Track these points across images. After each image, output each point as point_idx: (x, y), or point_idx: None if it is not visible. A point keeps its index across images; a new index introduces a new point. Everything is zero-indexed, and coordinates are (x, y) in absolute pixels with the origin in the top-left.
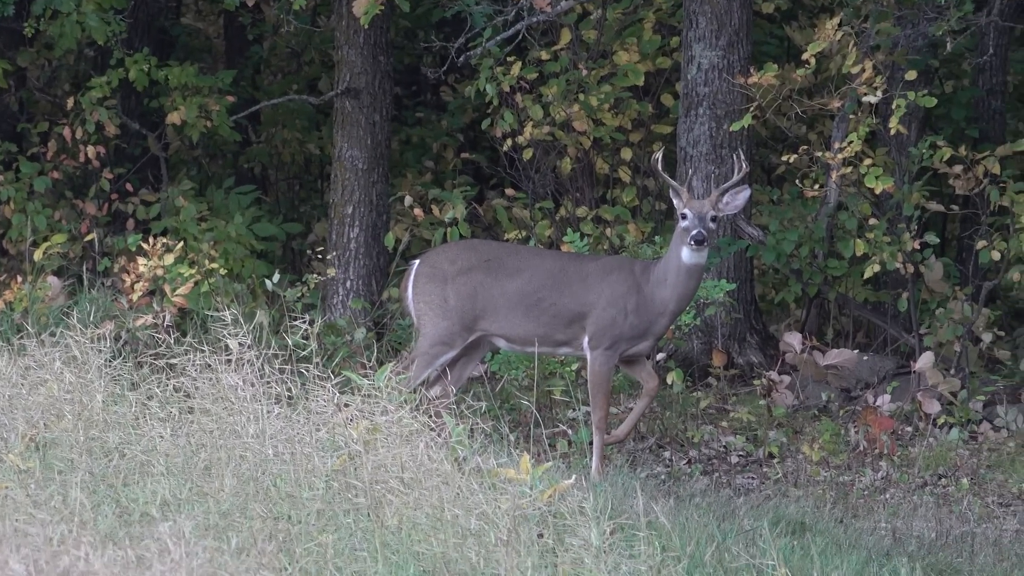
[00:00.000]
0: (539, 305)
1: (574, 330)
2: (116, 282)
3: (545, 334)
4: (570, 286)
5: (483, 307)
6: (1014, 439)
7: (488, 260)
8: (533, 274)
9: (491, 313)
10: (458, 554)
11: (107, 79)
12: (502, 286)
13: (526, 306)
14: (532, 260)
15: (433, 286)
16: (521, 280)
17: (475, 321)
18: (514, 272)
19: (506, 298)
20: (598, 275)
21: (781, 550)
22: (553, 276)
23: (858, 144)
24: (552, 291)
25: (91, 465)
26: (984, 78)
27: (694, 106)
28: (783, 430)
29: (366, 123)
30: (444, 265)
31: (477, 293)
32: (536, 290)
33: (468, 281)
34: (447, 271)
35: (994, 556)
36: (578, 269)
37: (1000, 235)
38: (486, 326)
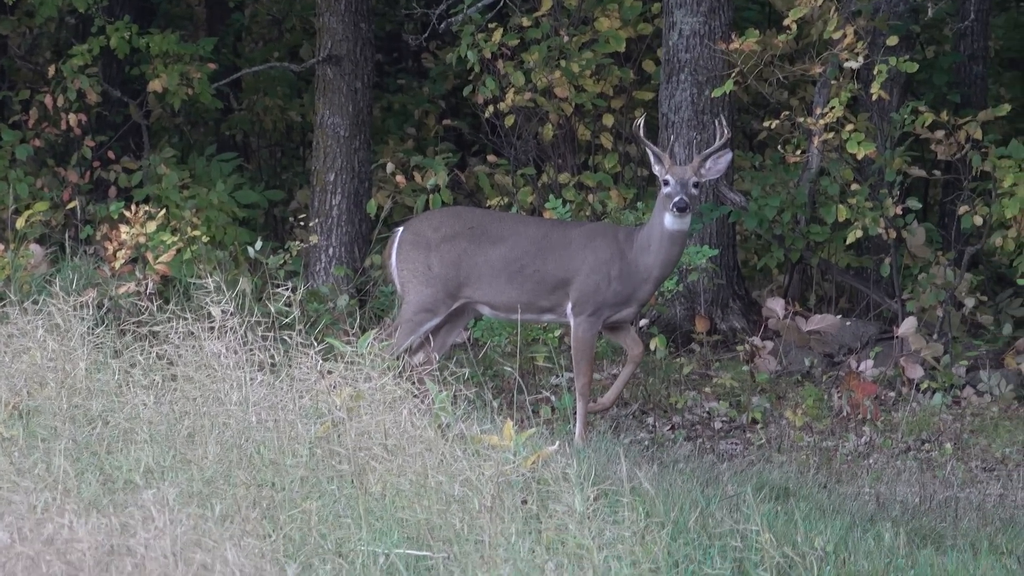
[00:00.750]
0: (522, 272)
1: (557, 296)
2: (98, 250)
3: (529, 301)
4: (553, 252)
5: (467, 274)
6: (997, 404)
7: (472, 227)
8: (516, 241)
9: (475, 280)
10: (442, 520)
11: (88, 47)
12: (486, 253)
13: (509, 273)
14: (516, 227)
15: (417, 253)
16: (505, 247)
17: (459, 288)
18: (498, 239)
19: (490, 265)
20: (581, 241)
21: (765, 515)
22: (536, 243)
23: (840, 110)
24: (535, 258)
25: (74, 433)
26: (966, 43)
27: (675, 72)
28: (766, 396)
29: (348, 90)
30: (428, 232)
31: (461, 260)
32: (519, 257)
33: (452, 248)
34: (431, 238)
35: (978, 521)
36: (562, 235)
37: (982, 200)
38: (470, 293)
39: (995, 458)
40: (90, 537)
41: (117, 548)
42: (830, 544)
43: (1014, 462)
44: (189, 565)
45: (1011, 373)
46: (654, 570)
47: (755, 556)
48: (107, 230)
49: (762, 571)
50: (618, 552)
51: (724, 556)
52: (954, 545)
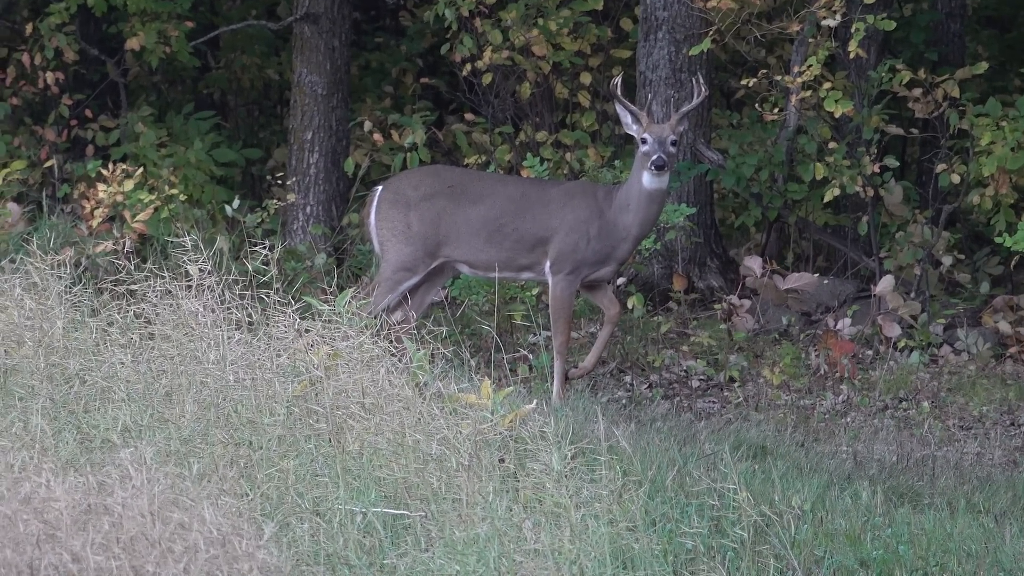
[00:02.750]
0: (501, 231)
1: (536, 255)
2: (76, 208)
3: (507, 259)
4: (532, 211)
5: (446, 233)
6: (974, 362)
7: (451, 186)
8: (495, 200)
9: (454, 239)
10: (419, 479)
11: (66, 5)
12: (465, 212)
13: (488, 232)
14: (495, 186)
15: (396, 212)
16: (484, 206)
17: (438, 247)
18: (477, 198)
19: (469, 224)
20: (560, 200)
21: (742, 474)
22: (515, 201)
23: (817, 68)
24: (515, 216)
25: (52, 392)
26: (943, 1)
27: (653, 30)
28: (744, 354)
29: (325, 48)
30: (407, 191)
31: (440, 219)
32: (498, 216)
33: (431, 207)
34: (410, 197)
35: (955, 479)
36: (540, 194)
37: (960, 158)
38: (449, 252)
39: (972, 416)
40: (67, 496)
41: (94, 507)
42: (807, 503)
43: (991, 420)
44: (166, 524)
45: (988, 331)
46: (631, 529)
47: (732, 515)
48: (84, 188)
49: (739, 530)
50: (595, 511)
51: (701, 515)
52: (931, 504)
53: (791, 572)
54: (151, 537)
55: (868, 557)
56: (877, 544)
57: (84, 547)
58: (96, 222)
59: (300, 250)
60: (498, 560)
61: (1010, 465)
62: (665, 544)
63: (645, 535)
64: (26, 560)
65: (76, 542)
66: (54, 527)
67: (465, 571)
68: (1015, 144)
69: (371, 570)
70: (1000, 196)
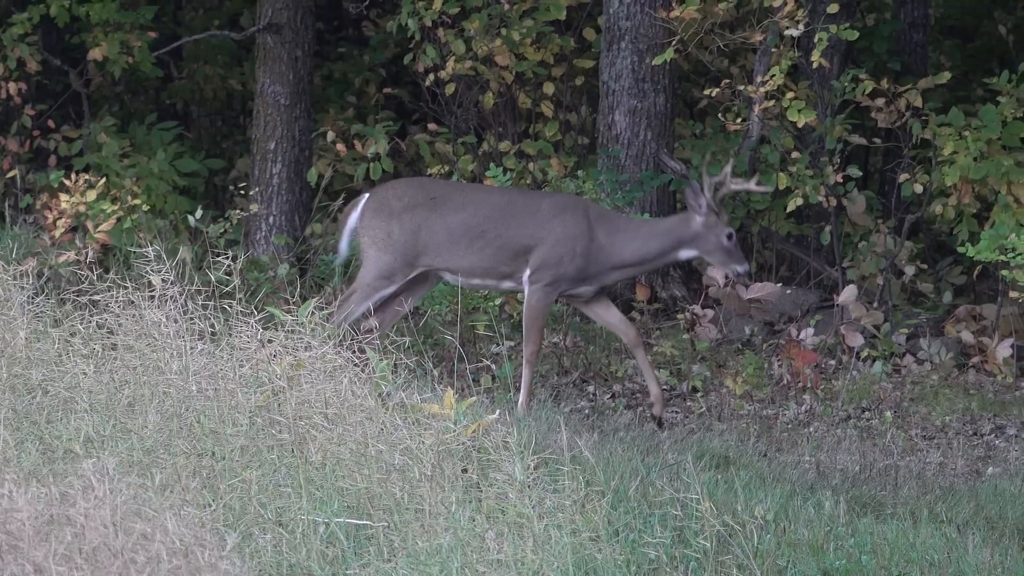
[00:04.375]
0: (483, 237)
1: (518, 263)
2: (38, 219)
3: (489, 267)
4: (517, 218)
5: (425, 243)
6: (937, 372)
7: (434, 198)
8: (479, 207)
9: (433, 248)
10: (382, 489)
11: (28, 15)
12: (445, 221)
13: (470, 238)
14: (478, 195)
15: (379, 220)
16: (466, 214)
17: (416, 256)
18: (459, 207)
19: (449, 232)
20: (551, 212)
21: (705, 484)
22: (500, 209)
23: (780, 78)
24: (498, 223)
25: (14, 402)
26: (906, 11)
27: (616, 40)
28: (707, 364)
29: (288, 58)
30: (391, 201)
31: (420, 229)
32: (481, 223)
33: (412, 217)
34: (393, 207)
35: (918, 489)
36: (528, 203)
37: (922, 168)
38: (429, 261)
39: (935, 426)
40: (30, 507)
41: (57, 518)
42: (770, 512)
43: (954, 430)
44: (129, 535)
45: (951, 341)
46: (594, 539)
47: (695, 524)
48: (47, 199)
49: (702, 540)
50: (558, 521)
51: (664, 524)
52: (894, 513)
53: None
54: (114, 548)
55: (831, 567)
56: (840, 554)
57: (47, 558)
58: (59, 232)
59: (263, 260)
60: (461, 570)
61: (973, 475)
62: (628, 554)
63: (608, 545)
64: None
65: (39, 553)
66: (16, 538)
67: None
68: (978, 154)
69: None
70: (963, 206)
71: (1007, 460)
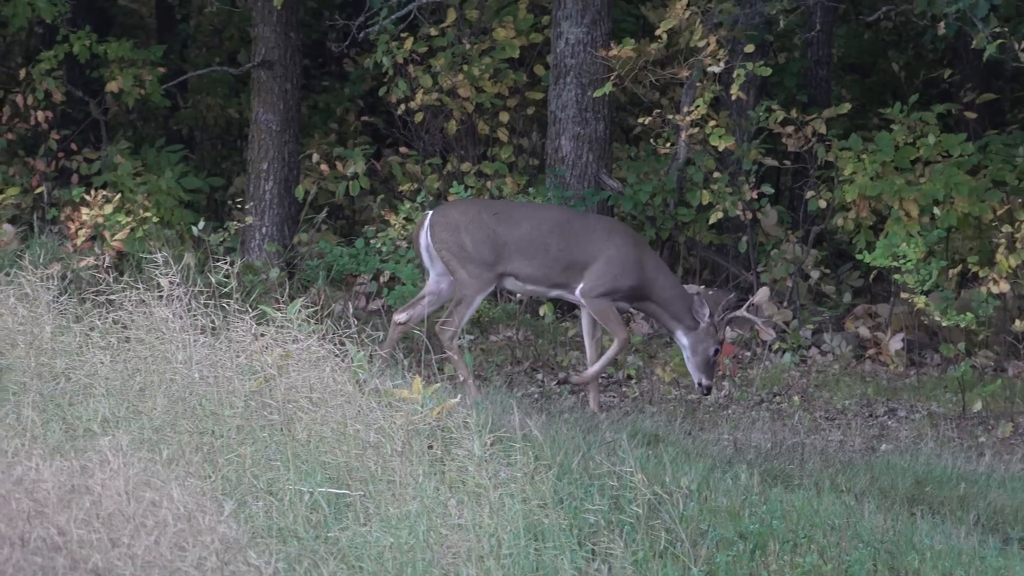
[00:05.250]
0: (546, 249)
1: (569, 275)
2: (62, 229)
3: (544, 275)
4: (576, 237)
5: (498, 251)
6: (838, 362)
7: (497, 213)
8: (541, 223)
9: (505, 256)
10: (359, 463)
11: (54, 53)
12: (512, 232)
13: (534, 249)
14: (538, 212)
15: (449, 235)
16: (529, 227)
17: (495, 262)
18: (519, 221)
19: (516, 242)
20: (605, 233)
21: (638, 458)
22: (561, 226)
23: (704, 108)
24: (559, 239)
25: (41, 387)
26: (812, 51)
27: (562, 75)
28: (640, 355)
29: (279, 91)
30: (457, 217)
31: (488, 239)
32: (544, 236)
33: (479, 229)
34: (459, 221)
35: (821, 463)
36: (584, 224)
37: (826, 186)
38: (503, 267)
39: (836, 409)
40: (54, 478)
41: (77, 487)
42: (694, 483)
43: (852, 412)
44: (140, 502)
45: (850, 335)
46: (542, 506)
47: (629, 494)
48: (70, 212)
49: (635, 507)
50: (511, 490)
51: (602, 494)
52: (800, 484)
53: (679, 544)
54: (126, 513)
55: (746, 530)
56: (754, 519)
57: (68, 522)
58: (80, 241)
59: (257, 265)
60: (427, 533)
61: (868, 451)
62: (571, 519)
63: (554, 511)
64: (18, 533)
65: (61, 518)
66: (42, 505)
67: (398, 543)
68: (874, 174)
69: (317, 542)
70: (861, 219)
71: (898, 438)
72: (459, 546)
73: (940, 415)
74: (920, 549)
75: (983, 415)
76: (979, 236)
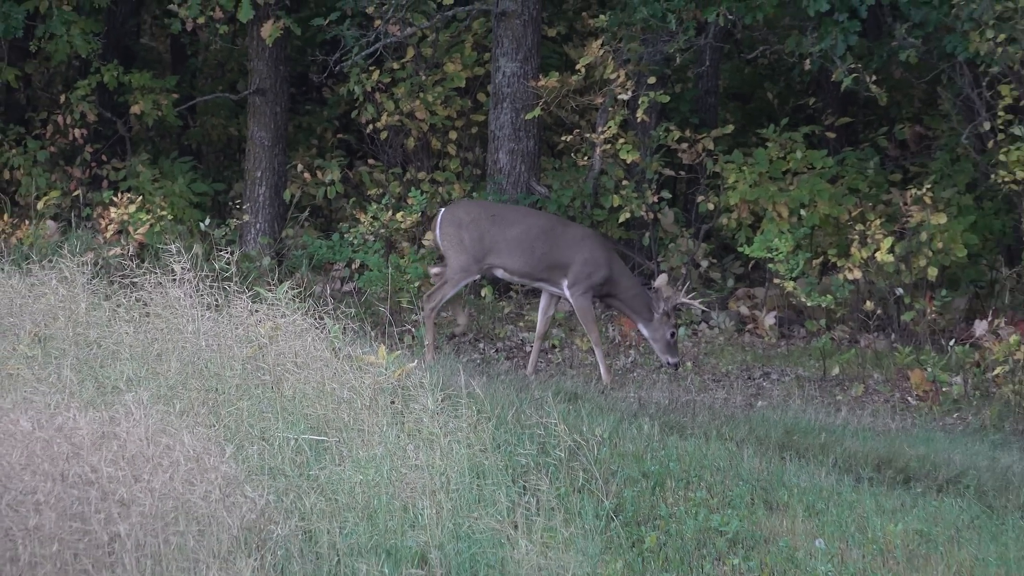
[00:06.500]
0: (532, 249)
1: (552, 273)
2: (95, 224)
3: (530, 271)
4: (556, 241)
5: (489, 246)
6: (723, 335)
7: (494, 215)
8: (530, 227)
9: (495, 251)
10: (335, 415)
11: (88, 82)
12: (504, 232)
13: (522, 248)
14: (528, 217)
15: (452, 230)
16: (520, 229)
17: (484, 256)
18: (513, 223)
19: (507, 241)
20: (579, 238)
21: (560, 412)
22: (546, 231)
23: (614, 128)
24: (544, 242)
25: (77, 353)
26: (703, 82)
27: (500, 101)
28: (562, 328)
29: (270, 113)
30: (461, 215)
31: (484, 236)
32: (532, 239)
33: (477, 227)
34: (463, 219)
35: (709, 416)
36: (564, 230)
37: (714, 192)
38: (491, 260)
39: (721, 372)
40: (88, 426)
41: (107, 434)
42: (606, 432)
43: (734, 376)
44: (157, 446)
45: (733, 313)
46: (483, 450)
47: (553, 440)
48: (101, 211)
49: (558, 451)
50: (458, 438)
51: (532, 440)
52: (692, 433)
53: (594, 481)
54: (146, 455)
55: (648, 471)
56: (654, 461)
57: (100, 462)
58: (109, 234)
59: (252, 255)
60: (390, 472)
61: (747, 407)
62: (506, 461)
63: (493, 455)
64: (59, 470)
65: (94, 458)
66: (78, 448)
67: (367, 480)
68: (752, 182)
69: (301, 479)
70: (741, 219)
71: (772, 396)
72: (416, 483)
73: (805, 378)
74: (789, 486)
75: (840, 378)
76: (837, 233)
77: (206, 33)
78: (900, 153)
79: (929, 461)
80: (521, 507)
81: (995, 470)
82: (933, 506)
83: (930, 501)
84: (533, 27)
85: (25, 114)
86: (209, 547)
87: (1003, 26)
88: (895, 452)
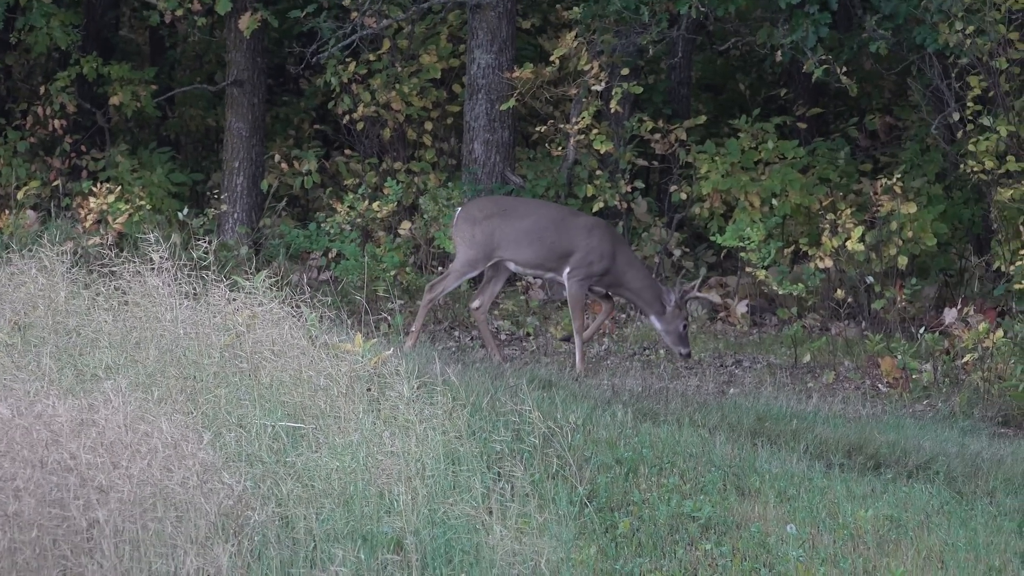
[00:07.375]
0: (541, 240)
1: (559, 262)
2: (74, 214)
3: (540, 262)
4: (564, 230)
5: (499, 241)
6: (696, 322)
7: (505, 210)
8: (539, 219)
9: (505, 245)
10: (311, 402)
11: (68, 73)
12: (514, 226)
13: (530, 240)
14: (539, 209)
15: (466, 226)
16: (529, 222)
17: (493, 251)
18: (523, 216)
19: (516, 234)
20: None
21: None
22: (554, 221)
23: (588, 119)
24: (552, 232)
25: (56, 341)
26: (676, 73)
27: (475, 92)
28: (537, 316)
29: (248, 104)
30: (475, 212)
31: (495, 232)
32: (540, 231)
33: (489, 224)
34: (476, 216)
35: (681, 403)
36: (573, 220)
37: (686, 182)
38: (501, 254)
39: (694, 360)
40: (67, 413)
41: (86, 421)
42: (580, 419)
43: (707, 363)
44: (136, 433)
45: (704, 300)
46: (458, 437)
47: (528, 427)
48: (80, 200)
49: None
50: (433, 425)
51: (507, 427)
52: (665, 420)
53: (568, 467)
54: (125, 442)
55: (621, 457)
56: (628, 448)
57: (79, 448)
58: (88, 224)
59: (230, 244)
60: (366, 459)
61: (719, 394)
62: (481, 448)
63: (468, 441)
64: (38, 457)
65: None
66: (57, 434)
67: (343, 466)
68: (724, 172)
69: (278, 466)
70: (714, 208)
71: (743, 384)
72: (391, 469)
73: (777, 365)
74: (760, 472)
75: (811, 365)
76: (808, 222)
77: (184, 25)
78: (870, 143)
79: (899, 447)
80: (496, 493)
81: (964, 456)
82: (903, 492)
83: (900, 487)
84: (508, 19)
85: (5, 105)
86: (187, 533)
87: (972, 18)
88: (866, 439)
